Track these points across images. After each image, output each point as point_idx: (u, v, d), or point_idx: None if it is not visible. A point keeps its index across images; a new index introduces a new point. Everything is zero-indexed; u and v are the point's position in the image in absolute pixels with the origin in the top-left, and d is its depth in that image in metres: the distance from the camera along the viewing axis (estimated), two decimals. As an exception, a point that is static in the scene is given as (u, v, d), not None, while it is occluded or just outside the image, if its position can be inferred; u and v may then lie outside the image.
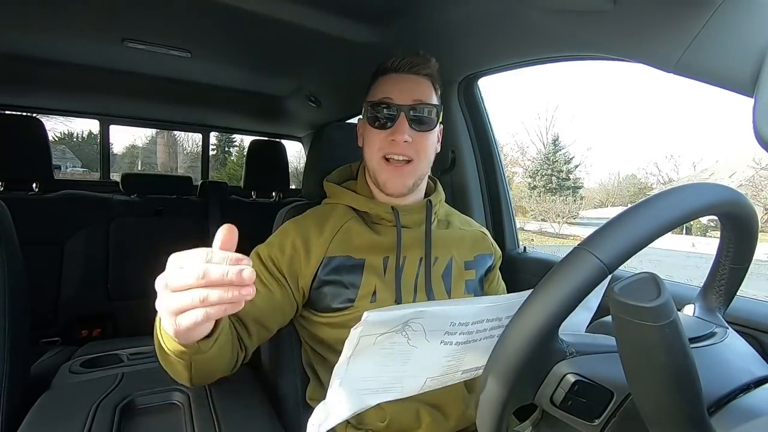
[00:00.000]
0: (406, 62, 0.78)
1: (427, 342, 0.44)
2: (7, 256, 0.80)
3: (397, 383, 0.46)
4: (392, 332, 0.42)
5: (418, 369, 0.46)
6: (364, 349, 0.42)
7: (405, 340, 0.43)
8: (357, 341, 0.41)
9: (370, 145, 0.79)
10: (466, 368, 0.50)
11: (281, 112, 2.16)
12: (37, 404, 0.77)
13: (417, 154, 0.77)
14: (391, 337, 0.43)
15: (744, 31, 0.54)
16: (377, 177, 0.79)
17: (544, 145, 17.17)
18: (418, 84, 0.78)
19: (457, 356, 0.48)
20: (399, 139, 0.75)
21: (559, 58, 0.99)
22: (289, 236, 0.77)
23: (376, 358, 0.44)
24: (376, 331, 0.42)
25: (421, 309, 0.42)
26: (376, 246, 0.77)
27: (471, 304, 0.46)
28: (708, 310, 0.51)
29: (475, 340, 0.47)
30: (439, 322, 0.44)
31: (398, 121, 0.75)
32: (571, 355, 0.41)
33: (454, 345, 0.46)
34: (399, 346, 0.44)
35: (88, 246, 1.74)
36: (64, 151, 13.29)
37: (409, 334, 0.43)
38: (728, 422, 0.37)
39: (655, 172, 17.13)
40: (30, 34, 1.31)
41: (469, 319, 0.45)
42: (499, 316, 0.48)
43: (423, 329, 0.43)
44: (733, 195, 0.41)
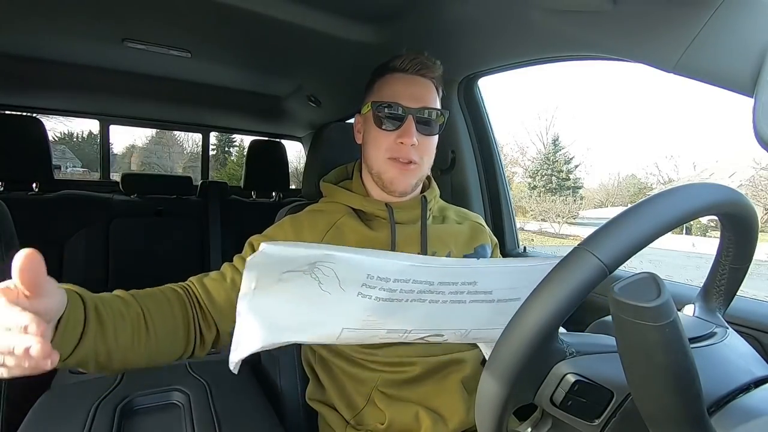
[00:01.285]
0: (415, 63, 0.78)
1: (342, 290, 0.42)
2: (8, 256, 0.80)
3: (309, 327, 0.44)
4: (298, 272, 0.40)
5: (333, 317, 0.44)
6: (270, 285, 0.41)
7: (316, 283, 0.41)
8: (256, 274, 0.39)
9: (376, 146, 0.78)
10: (392, 327, 0.47)
11: (281, 112, 2.16)
12: (37, 404, 0.77)
13: (421, 157, 0.78)
14: (299, 277, 0.41)
15: (744, 31, 0.55)
16: (382, 176, 0.79)
17: (544, 145, 17.17)
18: (426, 88, 0.78)
19: (379, 313, 0.45)
20: (407, 142, 0.75)
21: (559, 58, 0.99)
22: (284, 230, 0.78)
23: (285, 296, 0.42)
24: (279, 267, 0.40)
25: (328, 252, 0.40)
26: (371, 242, 0.77)
27: (394, 259, 0.43)
28: (708, 310, 0.51)
29: (401, 300, 0.45)
30: (354, 272, 0.42)
31: (406, 124, 0.75)
32: (571, 355, 0.41)
33: (373, 300, 0.43)
34: (309, 288, 0.41)
35: (88, 246, 1.74)
36: (64, 151, 13.30)
37: (320, 278, 0.41)
38: (728, 422, 0.37)
39: (655, 172, 17.13)
40: (30, 34, 1.31)
41: (389, 275, 0.43)
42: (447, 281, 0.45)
43: (336, 276, 0.41)
44: (733, 195, 0.41)
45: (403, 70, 0.78)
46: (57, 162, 10.72)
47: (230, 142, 15.62)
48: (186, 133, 12.10)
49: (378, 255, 0.43)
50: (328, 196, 0.86)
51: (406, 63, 0.78)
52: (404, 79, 0.78)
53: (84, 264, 1.73)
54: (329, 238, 0.77)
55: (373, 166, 0.80)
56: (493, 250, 0.91)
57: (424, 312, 0.47)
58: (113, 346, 0.55)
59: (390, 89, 0.78)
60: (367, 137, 0.81)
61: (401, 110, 0.75)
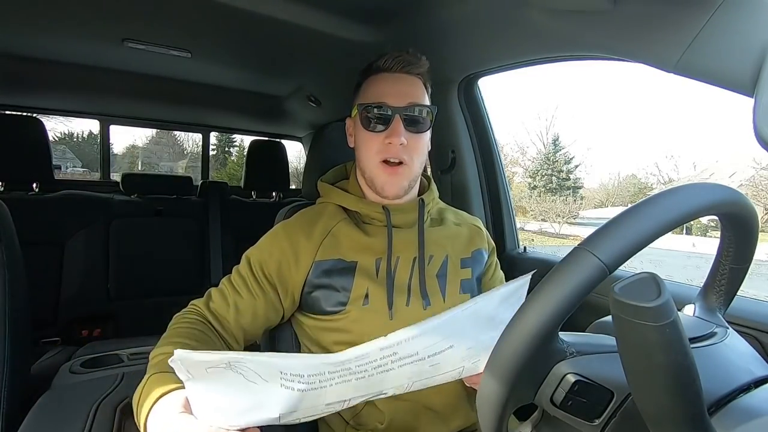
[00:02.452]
0: (399, 61, 0.77)
1: (266, 381, 0.42)
2: (8, 256, 0.80)
3: (249, 412, 0.44)
4: (220, 367, 0.41)
5: (267, 403, 0.44)
6: (201, 376, 0.41)
7: (241, 377, 0.41)
8: (185, 370, 0.40)
9: (366, 148, 0.78)
10: (329, 402, 0.47)
11: (281, 112, 2.16)
12: (38, 404, 0.77)
13: (410, 156, 0.77)
14: (222, 371, 0.41)
15: (744, 31, 0.54)
16: (374, 181, 0.78)
17: (544, 145, 17.16)
18: (412, 85, 0.78)
19: (308, 398, 0.45)
20: (395, 141, 0.74)
21: (559, 58, 0.99)
22: (278, 241, 0.77)
23: (218, 386, 0.42)
24: (201, 366, 0.40)
25: (237, 356, 0.40)
26: (367, 247, 0.77)
27: (302, 359, 0.43)
28: (708, 310, 0.51)
29: (324, 386, 0.44)
30: (268, 369, 0.42)
31: (393, 124, 0.74)
32: (572, 355, 0.41)
33: (296, 390, 0.43)
34: (235, 380, 0.41)
35: (88, 246, 1.74)
36: (64, 151, 13.29)
37: (242, 372, 0.41)
38: (728, 422, 0.37)
39: (656, 172, 17.12)
40: (30, 34, 1.31)
41: (302, 371, 0.43)
42: (364, 362, 0.45)
43: (254, 372, 0.41)
44: (733, 195, 0.41)
45: (387, 69, 0.78)
46: (57, 162, 10.69)
47: (230, 142, 15.62)
48: (186, 133, 12.09)
49: (285, 357, 0.43)
50: (324, 197, 0.85)
51: (389, 62, 0.77)
52: (389, 78, 0.77)
53: (84, 264, 1.73)
54: (325, 245, 0.76)
55: (365, 170, 0.80)
56: (491, 254, 0.90)
57: (353, 386, 0.46)
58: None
59: (375, 89, 0.77)
60: (358, 140, 0.80)
61: (388, 110, 0.75)
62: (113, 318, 1.81)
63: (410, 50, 0.79)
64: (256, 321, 0.75)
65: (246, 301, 0.73)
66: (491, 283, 0.90)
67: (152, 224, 1.92)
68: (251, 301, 0.73)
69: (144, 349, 1.12)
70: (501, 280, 0.93)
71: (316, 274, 0.75)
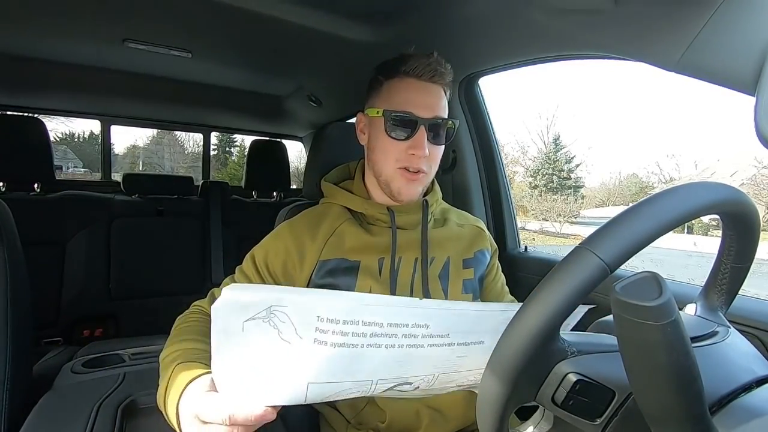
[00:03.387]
0: (429, 70, 0.74)
1: (300, 338, 0.41)
2: (9, 256, 0.80)
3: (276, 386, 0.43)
4: (257, 319, 0.40)
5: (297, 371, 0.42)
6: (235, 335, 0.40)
7: (276, 332, 0.40)
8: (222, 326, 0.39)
9: (385, 154, 0.77)
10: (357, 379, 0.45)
11: (282, 112, 2.16)
12: (39, 404, 0.77)
13: (430, 165, 0.77)
14: (258, 326, 0.40)
15: (745, 30, 0.54)
16: (390, 185, 0.78)
17: (545, 144, 17.15)
18: (438, 96, 0.76)
19: (339, 362, 0.43)
20: (419, 153, 0.73)
21: (560, 58, 0.99)
22: (283, 239, 0.77)
23: (249, 352, 0.41)
24: (239, 316, 0.39)
25: (279, 295, 0.40)
26: (371, 247, 0.77)
27: (342, 297, 0.42)
28: (710, 309, 0.51)
29: (356, 345, 0.43)
30: (305, 315, 0.41)
31: (418, 135, 0.73)
32: (573, 355, 0.41)
33: (329, 346, 0.42)
34: (270, 339, 0.40)
35: (89, 246, 1.74)
36: (65, 152, 13.33)
37: (278, 326, 0.40)
38: (730, 421, 0.37)
39: (657, 171, 17.10)
40: (31, 34, 1.31)
41: (338, 315, 0.41)
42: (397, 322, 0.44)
43: (290, 321, 0.40)
44: (734, 194, 0.41)
45: (416, 75, 0.74)
46: (58, 162, 10.73)
47: (231, 142, 15.64)
48: (187, 134, 12.10)
49: (324, 293, 0.42)
50: (329, 197, 0.85)
51: (420, 68, 0.74)
52: (417, 85, 0.75)
53: (85, 264, 1.73)
54: (330, 245, 0.76)
55: (381, 173, 0.78)
56: (493, 255, 0.90)
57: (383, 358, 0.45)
58: None
59: (402, 96, 0.75)
60: (375, 143, 0.78)
61: (414, 120, 0.73)
62: (115, 318, 1.81)
63: (435, 55, 0.76)
64: None
65: None
66: (494, 284, 0.90)
67: (153, 224, 1.92)
68: None
69: (146, 349, 1.12)
70: (503, 283, 0.93)
71: (320, 274, 0.75)
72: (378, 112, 0.75)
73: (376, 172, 0.80)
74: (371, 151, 0.80)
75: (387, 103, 0.76)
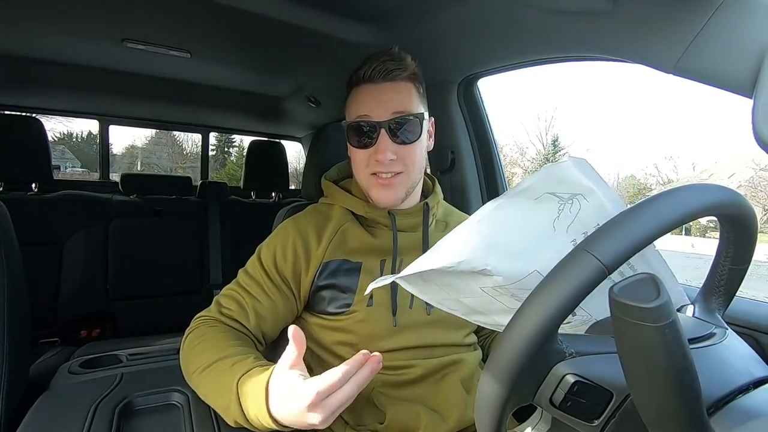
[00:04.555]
0: (380, 70, 0.72)
1: (566, 233, 0.43)
2: (7, 256, 0.80)
3: (511, 257, 0.43)
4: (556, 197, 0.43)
5: (539, 254, 0.43)
6: (522, 196, 0.43)
7: (555, 215, 0.43)
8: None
9: (355, 163, 0.77)
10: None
11: (281, 113, 2.16)
12: (36, 405, 0.76)
13: (405, 166, 0.75)
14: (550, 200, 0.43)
15: (743, 32, 0.55)
16: (369, 192, 0.78)
17: (544, 145, 17.18)
18: (396, 92, 0.73)
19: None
20: (382, 158, 0.72)
21: (559, 59, 0.99)
22: (290, 239, 0.76)
23: (521, 216, 0.44)
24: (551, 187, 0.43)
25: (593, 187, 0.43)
26: (373, 249, 0.77)
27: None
28: (707, 310, 0.51)
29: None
30: (591, 219, 0.43)
31: (379, 140, 0.72)
32: (571, 356, 0.41)
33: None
34: (546, 217, 0.43)
35: (87, 246, 1.74)
36: (63, 152, 13.31)
37: (562, 211, 0.43)
38: (727, 423, 0.37)
39: (655, 173, 17.14)
40: (30, 34, 1.31)
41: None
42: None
43: (573, 215, 0.43)
44: (732, 196, 0.41)
45: (369, 79, 0.73)
46: (56, 162, 10.69)
47: (230, 142, 15.63)
48: (185, 134, 12.09)
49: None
50: (329, 197, 0.85)
51: (371, 71, 0.72)
52: (371, 89, 0.74)
53: (83, 264, 1.73)
54: (333, 246, 0.76)
55: (359, 182, 0.79)
56: None
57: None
58: None
59: (357, 104, 0.75)
60: (350, 154, 0.79)
61: (371, 125, 0.72)
62: (112, 318, 1.81)
63: (395, 51, 0.74)
64: (276, 324, 0.75)
65: (265, 306, 0.72)
66: None
67: (151, 224, 1.92)
68: (271, 305, 0.73)
69: (143, 349, 1.12)
70: None
71: (323, 275, 0.75)
72: (345, 125, 0.76)
73: (358, 182, 0.80)
74: (351, 162, 0.80)
75: (348, 113, 0.76)
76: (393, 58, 0.73)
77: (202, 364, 0.61)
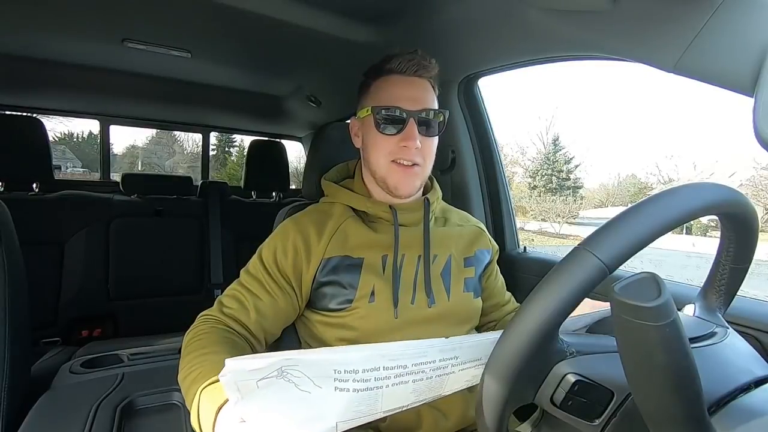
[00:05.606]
0: (412, 65, 0.76)
1: (319, 387, 0.40)
2: (8, 256, 0.80)
3: (307, 424, 0.42)
4: (271, 378, 0.39)
5: (324, 413, 0.42)
6: (252, 392, 0.39)
7: (292, 386, 0.40)
8: (235, 386, 0.38)
9: (377, 150, 0.77)
10: (388, 408, 0.46)
11: (281, 112, 2.16)
12: (38, 404, 0.77)
13: (424, 158, 0.77)
14: (274, 383, 0.39)
15: (744, 31, 0.55)
16: (386, 180, 0.78)
17: (544, 145, 17.15)
18: (424, 89, 0.77)
19: (365, 402, 0.43)
20: (411, 145, 0.74)
21: (559, 58, 0.99)
22: (290, 237, 0.77)
23: (270, 403, 0.40)
24: (250, 377, 0.38)
25: (288, 357, 0.39)
26: (374, 244, 0.77)
27: (356, 351, 0.42)
28: (708, 310, 0.51)
29: (381, 387, 0.43)
30: (321, 370, 0.40)
31: (408, 127, 0.74)
32: (572, 355, 0.41)
33: (352, 392, 0.42)
34: (288, 392, 0.40)
35: (88, 246, 1.74)
36: (64, 152, 13.30)
37: (293, 381, 0.40)
38: (729, 422, 0.37)
39: (655, 172, 17.12)
40: (30, 34, 1.31)
41: (356, 366, 0.41)
42: (423, 361, 0.43)
43: (306, 376, 0.40)
44: (733, 195, 0.41)
45: (400, 71, 0.77)
46: (57, 162, 10.70)
47: (230, 142, 15.63)
48: (186, 134, 12.10)
49: (338, 351, 0.42)
50: (330, 196, 0.85)
51: (403, 65, 0.76)
52: (402, 81, 0.77)
53: (84, 264, 1.73)
54: (334, 243, 0.76)
55: (376, 170, 0.79)
56: (493, 256, 0.91)
57: (412, 389, 0.45)
58: None
59: (388, 92, 0.77)
60: (368, 141, 0.80)
61: (402, 113, 0.74)
62: (113, 318, 1.81)
63: (419, 52, 0.78)
64: (278, 321, 0.75)
65: (266, 303, 0.73)
66: (494, 284, 0.91)
67: (152, 224, 1.92)
68: (271, 301, 0.73)
69: (144, 349, 1.12)
70: (502, 283, 0.94)
71: (325, 271, 0.75)
72: (367, 111, 0.77)
73: (372, 170, 0.80)
74: (365, 150, 0.81)
75: (375, 100, 0.77)
76: (423, 56, 0.77)
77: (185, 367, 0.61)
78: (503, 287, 0.94)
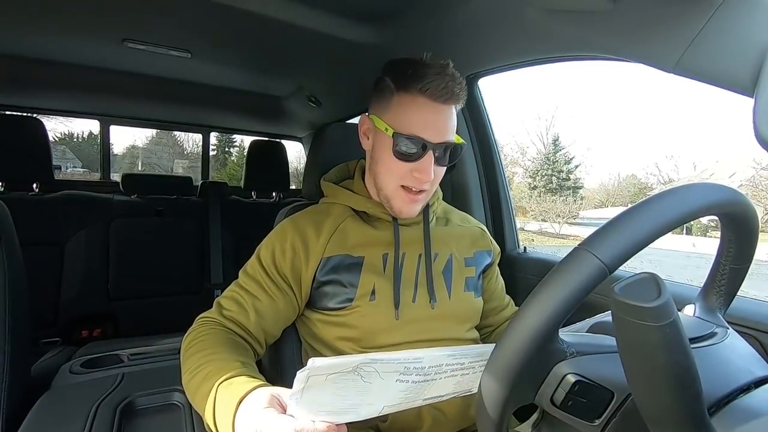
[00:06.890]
0: (445, 92, 0.69)
1: (382, 380, 0.44)
2: (8, 256, 0.80)
3: (352, 409, 0.46)
4: (343, 373, 0.42)
5: (375, 399, 0.46)
6: (316, 385, 0.41)
7: (359, 378, 0.43)
8: (306, 381, 0.40)
9: (388, 172, 0.75)
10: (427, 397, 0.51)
11: (281, 113, 2.16)
12: (38, 404, 0.77)
13: (432, 185, 0.76)
14: (342, 377, 0.42)
15: (744, 31, 0.55)
16: (391, 202, 0.76)
17: (545, 145, 17.16)
18: (451, 119, 0.73)
19: (415, 390, 0.48)
20: (425, 177, 0.72)
21: (559, 58, 0.99)
22: (288, 237, 0.76)
23: (331, 391, 0.43)
24: (323, 372, 0.41)
25: (372, 357, 0.42)
26: (375, 242, 0.77)
27: (433, 352, 0.46)
28: (708, 310, 0.51)
29: (434, 379, 0.48)
30: (393, 367, 0.44)
31: (425, 159, 0.71)
32: (572, 356, 0.41)
33: (410, 383, 0.46)
34: (353, 383, 0.43)
35: (88, 246, 1.74)
36: (64, 152, 13.31)
37: (362, 375, 0.43)
38: (729, 422, 0.37)
39: (656, 172, 17.12)
40: (30, 34, 1.31)
41: (426, 364, 0.45)
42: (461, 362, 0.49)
43: (376, 371, 0.43)
44: (733, 195, 0.41)
45: (430, 96, 0.69)
46: (57, 162, 10.71)
47: (230, 142, 15.64)
48: (186, 134, 12.10)
49: (416, 352, 0.45)
50: (330, 197, 0.85)
51: (436, 90, 0.69)
52: (429, 107, 0.70)
53: (84, 264, 1.73)
54: (333, 242, 0.76)
55: (382, 188, 0.77)
56: (495, 258, 0.90)
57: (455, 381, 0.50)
58: None
59: (411, 118, 0.71)
60: (379, 156, 0.75)
61: (423, 145, 0.71)
62: (113, 318, 1.81)
63: (450, 71, 0.71)
64: (278, 322, 0.75)
65: (265, 304, 0.72)
66: (494, 287, 0.91)
67: (152, 224, 1.92)
68: (270, 302, 0.73)
69: (144, 349, 1.12)
70: (502, 287, 0.94)
71: (324, 270, 0.75)
72: (387, 129, 0.72)
73: (378, 186, 0.78)
74: (374, 162, 0.77)
75: (397, 121, 0.72)
76: (453, 79, 0.70)
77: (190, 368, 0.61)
78: (503, 290, 0.94)
